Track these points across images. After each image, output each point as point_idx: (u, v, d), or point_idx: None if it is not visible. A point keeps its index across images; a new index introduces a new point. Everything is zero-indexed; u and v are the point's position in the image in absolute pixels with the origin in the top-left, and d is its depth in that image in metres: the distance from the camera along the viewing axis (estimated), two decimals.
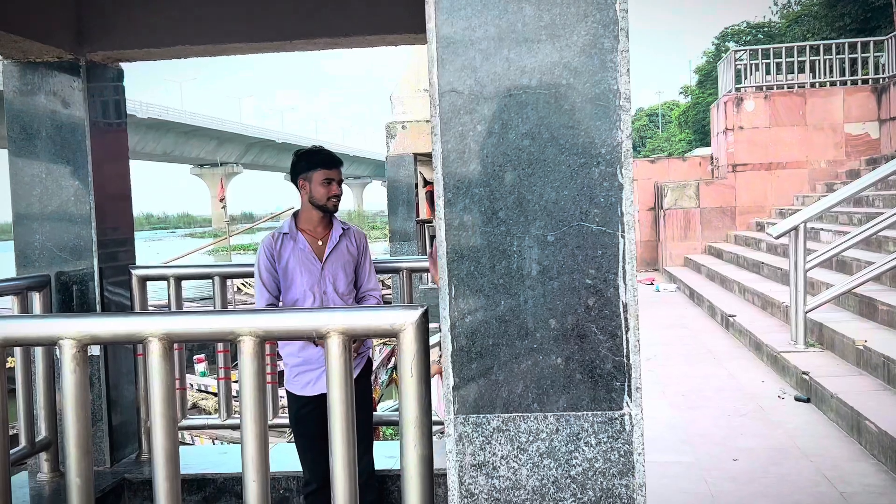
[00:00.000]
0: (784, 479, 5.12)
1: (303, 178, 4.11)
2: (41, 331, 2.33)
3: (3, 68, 4.44)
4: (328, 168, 4.12)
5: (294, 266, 4.09)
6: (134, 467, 4.53)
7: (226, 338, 2.31)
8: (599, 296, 1.99)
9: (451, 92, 2.02)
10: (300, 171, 4.12)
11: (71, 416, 2.29)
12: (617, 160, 1.98)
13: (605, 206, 1.99)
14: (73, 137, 4.42)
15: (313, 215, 4.15)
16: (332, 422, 2.22)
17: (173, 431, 2.31)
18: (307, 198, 4.12)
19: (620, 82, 1.98)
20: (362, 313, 2.30)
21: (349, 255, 4.21)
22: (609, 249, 1.99)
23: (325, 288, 4.11)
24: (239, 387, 2.29)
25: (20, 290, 4.24)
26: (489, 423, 2.04)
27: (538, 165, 2.01)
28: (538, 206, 2.01)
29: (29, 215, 4.45)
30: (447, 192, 2.03)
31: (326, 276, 4.12)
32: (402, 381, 2.18)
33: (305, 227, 4.16)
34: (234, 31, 4.41)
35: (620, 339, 1.99)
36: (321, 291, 4.10)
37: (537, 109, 2.01)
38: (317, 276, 4.10)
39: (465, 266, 2.03)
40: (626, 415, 2.00)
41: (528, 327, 2.02)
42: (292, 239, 4.12)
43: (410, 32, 4.30)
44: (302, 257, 4.10)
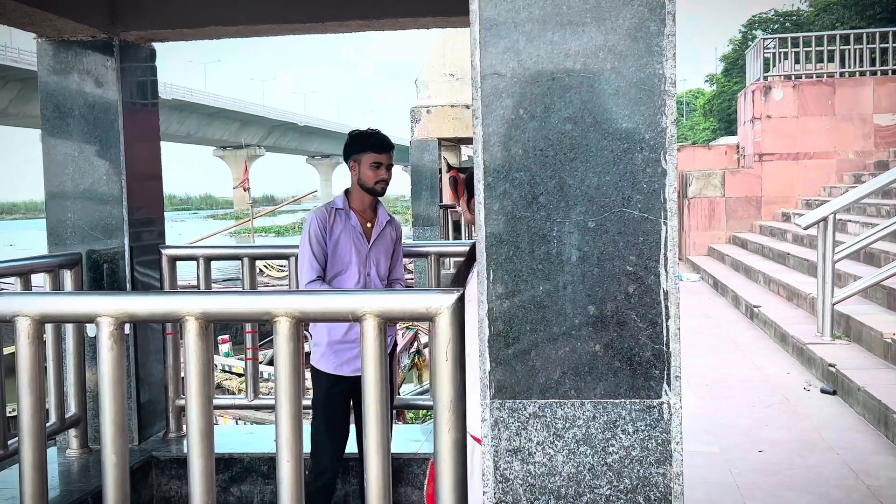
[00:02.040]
0: (810, 472, 5.08)
1: (353, 160, 4.17)
2: (79, 307, 2.35)
3: (38, 47, 4.46)
4: (378, 152, 4.18)
5: (346, 242, 4.13)
6: (161, 445, 4.57)
7: (262, 318, 2.31)
8: (640, 283, 1.98)
9: (494, 75, 2.00)
10: (352, 151, 4.18)
11: (107, 393, 2.30)
12: (661, 146, 1.96)
13: (648, 192, 1.97)
14: (105, 117, 4.44)
15: (363, 197, 4.20)
16: (366, 404, 2.22)
17: (209, 410, 2.32)
18: (356, 179, 4.18)
19: (666, 67, 1.96)
20: (399, 296, 2.30)
21: (390, 241, 4.29)
22: (651, 236, 1.97)
23: (369, 269, 4.16)
24: (274, 368, 2.30)
25: (52, 267, 4.27)
26: (525, 409, 2.03)
27: (580, 150, 1.99)
28: (579, 192, 1.99)
29: (61, 194, 4.48)
30: (487, 175, 2.02)
31: (371, 258, 4.18)
32: (436, 364, 2.17)
33: (356, 206, 4.21)
34: (267, 13, 4.41)
35: (661, 327, 1.97)
36: (366, 272, 4.15)
37: (580, 93, 1.99)
38: (363, 256, 4.16)
39: (504, 250, 2.02)
40: (665, 403, 1.98)
41: (567, 313, 2.00)
42: (345, 215, 4.16)
43: (442, 15, 4.28)
44: (353, 235, 4.14)
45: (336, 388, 4.10)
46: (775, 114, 17.61)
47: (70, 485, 4.08)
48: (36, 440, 2.32)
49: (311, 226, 4.10)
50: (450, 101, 13.80)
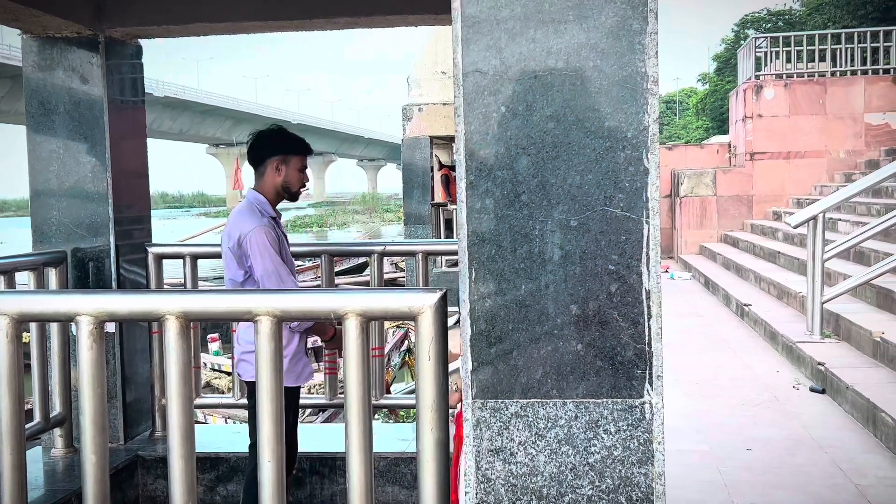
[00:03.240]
0: (799, 470, 5.08)
1: (279, 160, 3.79)
2: (58, 306, 2.33)
3: (23, 43, 4.43)
4: (305, 155, 3.91)
5: (286, 250, 3.85)
6: (147, 445, 4.55)
7: (243, 317, 2.30)
8: (622, 282, 1.97)
9: (476, 72, 1.99)
10: (278, 151, 3.81)
11: (87, 393, 2.29)
12: (643, 144, 1.95)
13: (630, 191, 1.96)
14: (90, 114, 4.41)
15: (279, 199, 3.86)
16: (348, 403, 2.21)
17: (189, 410, 2.30)
18: (280, 181, 3.81)
19: (648, 65, 1.95)
20: (381, 296, 2.28)
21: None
22: (633, 235, 1.96)
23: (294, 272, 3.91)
24: (255, 367, 2.28)
25: (36, 265, 4.24)
26: (507, 409, 2.02)
27: (562, 148, 1.98)
28: (561, 190, 1.98)
29: (46, 191, 4.45)
30: (469, 174, 2.00)
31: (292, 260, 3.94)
32: (419, 364, 2.16)
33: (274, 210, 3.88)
34: (254, 10, 4.38)
35: (643, 327, 1.96)
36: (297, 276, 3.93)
37: (563, 91, 1.97)
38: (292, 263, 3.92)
39: (486, 249, 2.01)
40: (647, 403, 1.97)
41: (549, 312, 1.99)
42: (275, 222, 3.81)
43: (431, 13, 4.26)
44: (284, 243, 3.87)
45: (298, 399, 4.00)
46: (767, 113, 17.63)
47: (55, 484, 4.06)
48: (15, 441, 2.30)
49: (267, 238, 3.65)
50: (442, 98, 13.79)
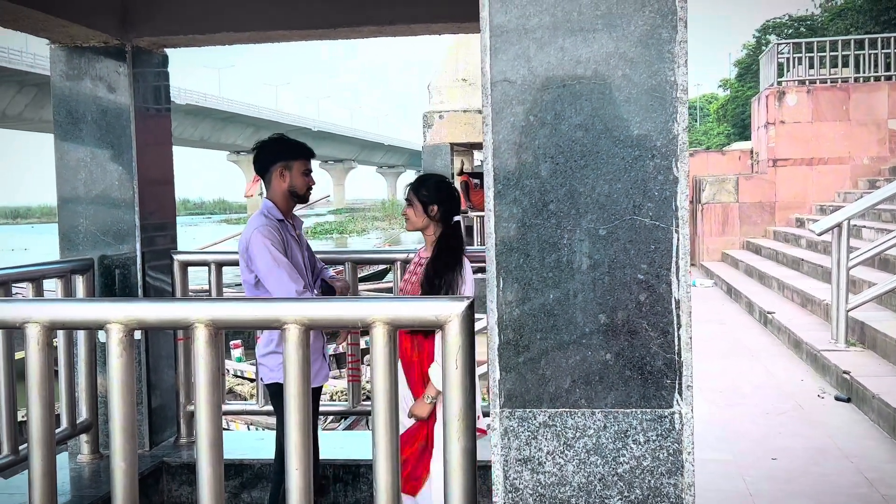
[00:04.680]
0: (824, 480, 5.04)
1: (282, 166, 3.91)
2: (88, 314, 2.35)
3: (51, 52, 4.48)
4: (308, 159, 4.01)
5: (296, 252, 3.92)
6: (172, 451, 4.57)
7: (271, 325, 2.30)
8: (651, 291, 1.96)
9: (504, 82, 1.99)
10: (280, 158, 3.92)
11: (117, 400, 2.30)
12: (672, 153, 1.95)
13: (660, 200, 1.96)
14: (117, 122, 4.45)
15: (290, 204, 3.98)
16: (376, 410, 2.21)
17: (217, 417, 2.31)
18: (286, 186, 3.91)
19: (678, 74, 1.94)
20: (408, 304, 2.28)
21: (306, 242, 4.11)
22: (662, 244, 1.95)
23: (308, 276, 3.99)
24: (284, 372, 2.29)
25: (64, 273, 4.28)
26: (535, 418, 2.01)
27: (591, 157, 1.98)
28: (590, 199, 1.98)
29: (73, 199, 4.49)
30: (497, 183, 2.01)
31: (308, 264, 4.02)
32: (446, 373, 2.16)
33: (286, 215, 3.97)
34: (279, 18, 4.41)
35: (672, 336, 1.96)
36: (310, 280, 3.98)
37: (591, 100, 1.97)
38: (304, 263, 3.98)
39: (514, 258, 2.01)
40: (676, 413, 1.96)
41: (577, 322, 1.99)
42: (284, 227, 3.90)
43: (455, 21, 4.27)
44: (296, 246, 3.94)
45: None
46: (789, 119, 17.53)
47: (81, 490, 4.09)
48: (45, 447, 2.31)
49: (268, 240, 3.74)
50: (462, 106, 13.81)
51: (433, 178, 4.12)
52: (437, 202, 3.98)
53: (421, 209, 3.99)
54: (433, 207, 3.97)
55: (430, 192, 4.00)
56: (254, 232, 3.77)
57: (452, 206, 4.04)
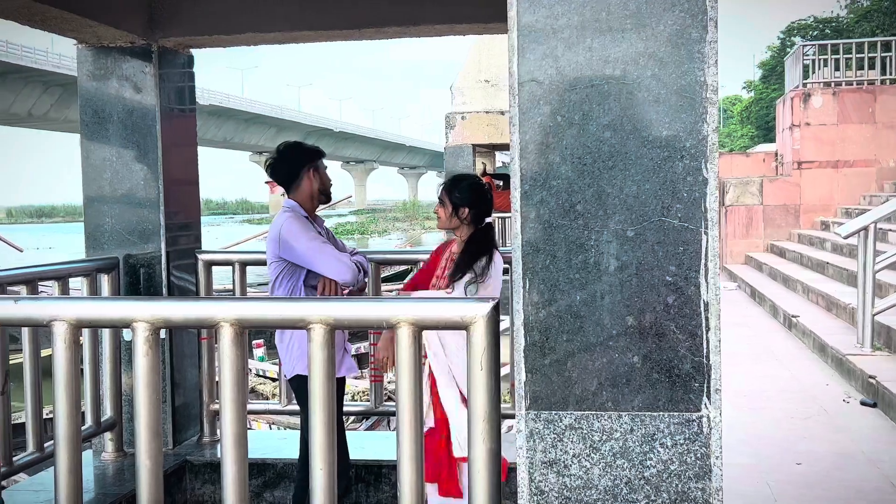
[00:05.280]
0: (849, 486, 4.98)
1: (311, 168, 4.00)
2: (115, 313, 2.35)
3: (78, 53, 4.51)
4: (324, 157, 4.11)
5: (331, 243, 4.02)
6: (195, 450, 4.59)
7: (296, 325, 2.30)
8: (680, 293, 1.94)
9: (532, 82, 1.98)
10: (306, 161, 4.01)
11: (142, 399, 2.31)
12: (702, 154, 1.93)
13: (689, 201, 1.94)
14: (143, 122, 4.48)
15: (315, 205, 4.06)
16: (400, 411, 2.20)
17: (243, 416, 2.31)
18: (316, 187, 4.01)
19: (708, 74, 1.92)
20: (433, 304, 2.28)
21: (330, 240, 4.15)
22: (691, 246, 1.93)
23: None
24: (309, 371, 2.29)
25: (89, 271, 4.31)
26: (561, 421, 2.00)
27: (619, 158, 1.96)
28: (618, 200, 1.96)
29: (99, 198, 4.52)
30: (524, 183, 1.99)
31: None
32: (471, 374, 2.15)
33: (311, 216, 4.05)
34: (304, 19, 4.42)
35: (700, 339, 1.94)
36: None
37: (620, 100, 1.96)
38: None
39: (541, 259, 2.00)
40: (705, 417, 1.94)
41: (604, 324, 1.97)
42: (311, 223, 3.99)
43: (479, 22, 4.26)
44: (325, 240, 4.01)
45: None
46: (815, 121, 17.37)
47: (105, 488, 4.11)
48: (71, 445, 2.32)
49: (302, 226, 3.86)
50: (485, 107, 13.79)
51: (467, 179, 4.13)
52: (468, 205, 3.98)
53: (451, 210, 4.00)
54: (464, 210, 3.98)
55: (462, 194, 4.00)
56: (285, 221, 3.87)
57: (484, 208, 4.04)
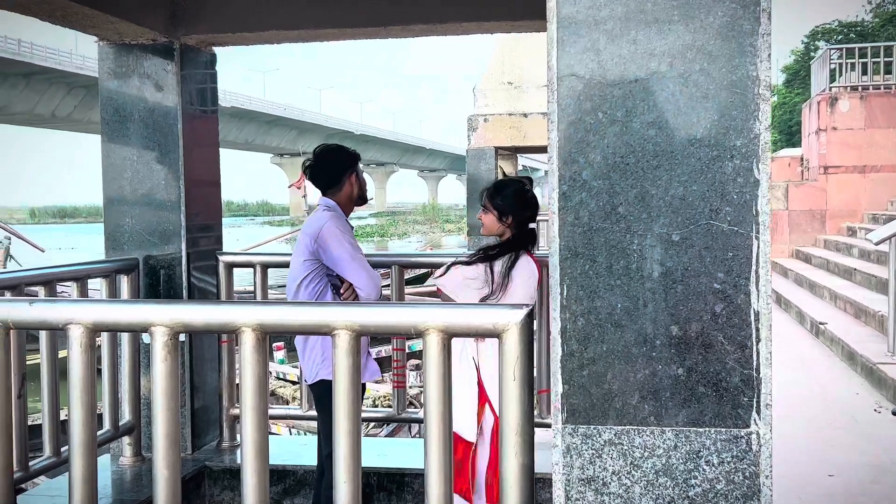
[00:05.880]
0: (885, 498, 4.84)
1: (352, 172, 3.95)
2: (133, 316, 2.27)
3: (99, 50, 4.44)
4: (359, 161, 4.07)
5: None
6: (215, 455, 4.50)
7: (320, 331, 2.21)
8: (728, 302, 1.83)
9: (571, 76, 1.87)
10: (348, 166, 3.95)
11: (160, 404, 2.22)
12: (753, 154, 1.82)
13: (739, 203, 1.82)
14: (164, 121, 4.40)
15: (351, 208, 4.02)
16: (428, 422, 2.11)
17: (264, 424, 2.22)
18: (355, 191, 3.97)
19: (760, 68, 1.81)
20: (464, 311, 2.17)
21: None
22: (741, 251, 1.82)
23: None
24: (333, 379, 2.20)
25: (109, 272, 4.24)
26: (600, 436, 1.89)
27: (665, 157, 1.85)
28: (663, 202, 1.85)
29: (119, 198, 4.45)
30: (562, 184, 1.89)
31: None
32: (504, 385, 2.05)
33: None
34: (328, 17, 4.33)
35: (750, 350, 1.82)
36: None
37: (666, 96, 1.85)
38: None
39: (580, 265, 1.89)
40: (754, 433, 1.83)
41: (647, 333, 1.86)
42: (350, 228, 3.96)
43: (507, 19, 4.15)
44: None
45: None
46: (841, 125, 17.15)
47: (122, 494, 4.03)
48: (86, 452, 2.24)
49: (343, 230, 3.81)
50: (507, 109, 13.67)
51: (511, 186, 4.01)
52: (511, 212, 3.87)
53: (495, 217, 3.89)
54: (508, 217, 3.87)
55: (505, 201, 3.89)
56: (327, 222, 3.80)
57: (529, 214, 3.93)
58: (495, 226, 3.93)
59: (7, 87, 55.16)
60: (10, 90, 55.88)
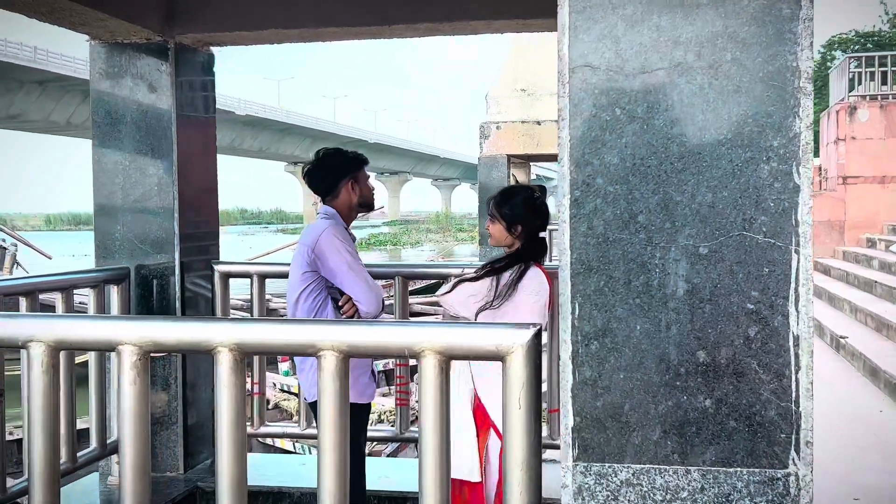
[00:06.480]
0: None
1: (351, 179, 3.73)
2: (99, 333, 2.06)
3: (90, 49, 4.25)
4: (366, 165, 3.84)
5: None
6: (208, 475, 4.28)
7: (305, 351, 1.99)
8: (764, 324, 1.60)
9: (585, 67, 1.65)
10: (348, 171, 3.74)
11: (128, 433, 2.00)
12: (793, 156, 1.59)
13: (776, 212, 1.60)
14: (158, 124, 4.20)
15: (353, 215, 3.80)
16: (423, 450, 1.89)
17: (241, 456, 2.00)
18: (356, 198, 3.74)
19: (801, 58, 1.58)
20: (463, 331, 1.96)
21: None
22: (778, 267, 1.60)
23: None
24: (318, 407, 1.98)
25: (97, 282, 4.02)
26: (616, 475, 1.66)
27: (691, 159, 1.63)
28: (689, 210, 1.63)
29: (110, 205, 4.24)
30: (574, 189, 1.67)
31: None
32: (508, 414, 1.83)
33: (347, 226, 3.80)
34: (331, 15, 4.13)
35: (789, 380, 1.59)
36: None
37: (693, 90, 1.63)
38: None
39: (594, 281, 1.66)
40: (792, 475, 1.60)
41: (671, 360, 1.64)
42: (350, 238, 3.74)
43: (519, 17, 3.94)
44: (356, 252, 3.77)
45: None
46: (860, 135, 16.87)
47: None
48: (47, 486, 2.02)
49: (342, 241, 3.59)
50: (520, 116, 13.46)
51: (520, 193, 3.77)
52: (521, 221, 3.64)
53: (503, 227, 3.66)
54: (517, 227, 3.64)
55: (514, 209, 3.66)
56: (325, 231, 3.60)
57: (539, 223, 3.70)
58: (503, 236, 3.70)
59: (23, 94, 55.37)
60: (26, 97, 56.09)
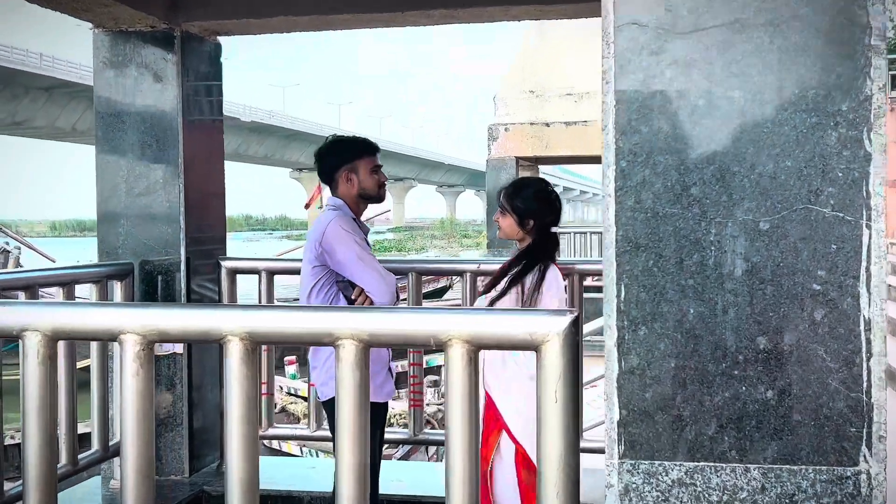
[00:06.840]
0: None
1: (347, 170, 3.54)
2: (99, 322, 1.91)
3: (94, 38, 4.11)
4: (373, 154, 3.62)
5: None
6: (214, 479, 4.12)
7: (321, 340, 1.84)
8: (831, 307, 1.45)
9: (632, 25, 1.51)
10: (342, 161, 3.55)
11: (131, 429, 1.86)
12: (864, 120, 1.45)
13: (845, 183, 1.45)
14: (164, 116, 4.05)
15: (361, 208, 3.61)
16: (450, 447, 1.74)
17: (254, 453, 1.86)
18: (355, 189, 3.55)
19: (872, 12, 1.44)
20: (494, 318, 1.81)
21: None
22: (847, 243, 1.45)
23: None
24: (336, 403, 1.84)
25: (100, 277, 3.88)
26: (667, 474, 1.51)
27: (750, 126, 1.48)
28: (748, 182, 1.48)
29: (114, 199, 4.10)
30: (620, 159, 1.52)
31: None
32: (543, 408, 1.68)
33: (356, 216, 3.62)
34: (341, 2, 3.99)
35: (859, 369, 1.45)
36: None
37: (751, 49, 1.48)
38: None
39: (642, 260, 1.52)
40: (863, 473, 1.45)
41: (727, 346, 1.49)
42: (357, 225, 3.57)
43: (537, 3, 3.79)
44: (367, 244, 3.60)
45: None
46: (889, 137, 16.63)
47: None
48: (43, 486, 1.88)
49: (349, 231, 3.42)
50: (529, 118, 13.32)
51: (532, 185, 3.63)
52: (533, 215, 3.49)
53: (515, 220, 3.51)
54: (529, 221, 3.49)
55: (526, 202, 3.51)
56: (331, 223, 3.43)
57: (551, 217, 3.55)
58: (514, 230, 3.55)
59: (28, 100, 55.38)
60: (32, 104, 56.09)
